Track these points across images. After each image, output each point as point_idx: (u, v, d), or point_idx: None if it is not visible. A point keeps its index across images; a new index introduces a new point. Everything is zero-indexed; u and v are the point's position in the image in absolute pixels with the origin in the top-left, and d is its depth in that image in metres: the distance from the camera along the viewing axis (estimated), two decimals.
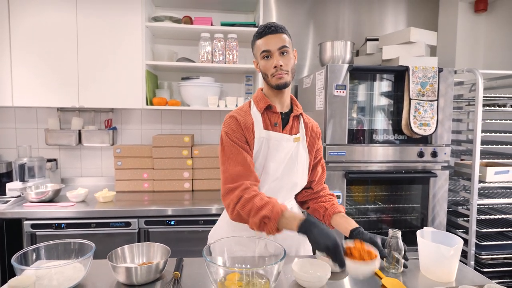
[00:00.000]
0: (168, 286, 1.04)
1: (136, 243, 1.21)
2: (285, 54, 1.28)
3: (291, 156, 1.35)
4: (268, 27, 1.28)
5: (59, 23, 2.22)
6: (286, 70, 1.28)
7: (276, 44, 1.26)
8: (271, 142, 1.32)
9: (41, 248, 1.11)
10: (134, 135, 2.74)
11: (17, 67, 2.21)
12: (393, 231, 1.21)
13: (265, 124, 1.34)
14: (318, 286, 1.08)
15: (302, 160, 1.38)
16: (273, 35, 1.27)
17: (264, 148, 1.31)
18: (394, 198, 2.37)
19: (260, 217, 1.13)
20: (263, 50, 1.28)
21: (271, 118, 1.35)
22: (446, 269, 1.16)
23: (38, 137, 2.62)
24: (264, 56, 1.28)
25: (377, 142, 2.19)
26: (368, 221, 2.34)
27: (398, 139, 2.21)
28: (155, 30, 2.48)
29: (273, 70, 1.27)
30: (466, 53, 2.73)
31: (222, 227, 1.45)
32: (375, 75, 2.23)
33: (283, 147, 1.33)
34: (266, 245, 1.27)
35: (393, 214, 2.36)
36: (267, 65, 1.28)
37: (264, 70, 1.30)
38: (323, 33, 2.86)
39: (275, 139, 1.32)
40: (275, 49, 1.26)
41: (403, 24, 2.94)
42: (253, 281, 1.05)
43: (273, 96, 1.35)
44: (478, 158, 2.13)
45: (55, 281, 1.02)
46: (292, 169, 1.36)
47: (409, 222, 2.36)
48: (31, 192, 2.07)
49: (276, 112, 1.35)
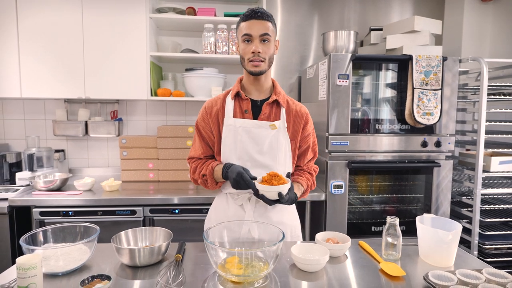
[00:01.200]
0: (170, 267, 1.07)
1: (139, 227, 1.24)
2: (266, 42, 1.29)
3: (270, 144, 1.35)
4: (255, 11, 1.29)
5: (65, 16, 2.25)
6: (263, 57, 1.29)
7: (258, 30, 1.27)
8: (240, 129, 1.34)
9: (48, 231, 1.15)
10: (140, 126, 2.77)
11: (25, 60, 2.25)
12: (391, 218, 1.22)
13: (235, 111, 1.36)
14: (316, 268, 1.10)
15: (282, 148, 1.37)
16: (257, 21, 1.28)
17: (233, 134, 1.34)
18: (397, 188, 2.37)
19: (201, 176, 1.39)
20: (244, 33, 1.29)
21: (242, 105, 1.37)
22: (444, 254, 1.17)
23: (46, 128, 2.68)
24: (245, 40, 1.29)
25: (380, 131, 2.18)
26: (372, 211, 2.35)
27: (401, 129, 2.20)
28: (159, 22, 2.50)
29: (250, 55, 1.29)
30: (473, 43, 2.69)
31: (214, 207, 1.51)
32: (378, 65, 2.22)
33: (254, 133, 1.34)
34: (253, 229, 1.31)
35: (397, 204, 2.37)
36: (246, 49, 1.29)
37: (243, 53, 1.31)
38: (328, 23, 2.85)
39: (243, 126, 1.34)
40: (257, 35, 1.27)
41: (409, 13, 2.91)
42: (252, 263, 1.07)
43: (250, 83, 1.37)
44: (482, 147, 2.11)
45: (61, 261, 1.06)
46: (272, 156, 1.36)
47: (413, 212, 2.36)
48: (40, 181, 2.13)
49: (246, 98, 1.36)
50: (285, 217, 1.44)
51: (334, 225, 2.18)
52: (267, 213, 1.39)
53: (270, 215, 1.39)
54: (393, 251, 1.23)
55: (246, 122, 1.34)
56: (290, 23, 2.81)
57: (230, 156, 1.36)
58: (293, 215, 1.50)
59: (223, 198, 1.44)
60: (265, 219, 1.37)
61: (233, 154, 1.35)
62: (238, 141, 1.34)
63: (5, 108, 2.63)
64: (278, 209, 1.41)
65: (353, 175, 2.28)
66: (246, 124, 1.34)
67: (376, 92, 2.27)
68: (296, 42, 2.83)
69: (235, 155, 1.35)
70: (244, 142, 1.34)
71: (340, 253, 1.23)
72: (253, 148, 1.34)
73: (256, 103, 1.39)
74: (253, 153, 1.34)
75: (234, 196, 1.40)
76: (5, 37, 2.22)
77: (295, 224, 1.50)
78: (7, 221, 1.97)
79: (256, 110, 1.38)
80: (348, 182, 2.16)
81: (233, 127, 1.34)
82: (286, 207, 1.45)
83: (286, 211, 1.45)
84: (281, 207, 1.42)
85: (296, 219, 1.52)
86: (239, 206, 1.39)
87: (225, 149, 1.37)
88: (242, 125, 1.34)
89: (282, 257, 1.21)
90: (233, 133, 1.34)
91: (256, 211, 1.38)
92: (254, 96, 1.39)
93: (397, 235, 1.22)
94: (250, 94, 1.40)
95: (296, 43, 2.83)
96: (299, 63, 2.85)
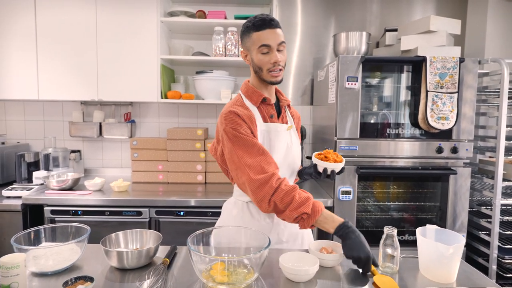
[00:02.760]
0: (155, 271, 1.06)
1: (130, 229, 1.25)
2: (282, 50, 1.27)
3: (287, 145, 1.37)
4: (268, 20, 1.24)
5: (80, 20, 2.33)
6: (282, 66, 1.28)
7: (276, 39, 1.24)
8: (271, 133, 1.32)
9: (41, 231, 1.18)
10: (152, 128, 2.82)
11: (42, 63, 2.35)
12: (389, 228, 1.16)
13: (263, 116, 1.34)
14: (304, 279, 1.06)
15: (296, 146, 1.41)
16: (273, 30, 1.24)
17: (266, 140, 1.32)
18: (411, 196, 2.26)
19: (300, 212, 1.14)
20: (263, 44, 1.24)
21: (267, 110, 1.35)
22: (445, 269, 1.10)
23: (63, 129, 2.78)
24: (263, 51, 1.25)
25: (392, 136, 2.10)
26: (382, 219, 2.25)
27: (415, 134, 2.10)
28: (171, 25, 2.53)
29: (270, 66, 1.25)
30: (497, 43, 2.53)
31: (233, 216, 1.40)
32: (391, 67, 2.14)
33: (281, 137, 1.34)
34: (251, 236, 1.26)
35: (410, 213, 2.26)
36: (264, 60, 1.25)
37: (260, 64, 1.27)
38: (346, 24, 2.77)
39: (275, 130, 1.33)
40: (275, 45, 1.24)
41: (431, 13, 2.78)
42: (237, 271, 1.05)
43: (262, 88, 1.35)
44: (503, 154, 1.98)
45: (51, 261, 1.08)
46: (290, 156, 1.38)
47: (427, 222, 2.24)
48: (53, 180, 2.20)
49: (271, 104, 1.36)
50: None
51: None
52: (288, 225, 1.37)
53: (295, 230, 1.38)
54: (391, 263, 1.16)
55: (276, 126, 1.34)
56: (305, 24, 2.76)
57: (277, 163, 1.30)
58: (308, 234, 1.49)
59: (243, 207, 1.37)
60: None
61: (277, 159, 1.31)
62: (271, 145, 1.32)
63: (27, 110, 2.75)
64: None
65: (363, 181, 2.20)
66: (276, 128, 1.34)
67: (388, 95, 2.18)
68: (311, 44, 2.78)
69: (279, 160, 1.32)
70: (275, 146, 1.33)
71: (333, 263, 1.18)
72: (280, 150, 1.34)
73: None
74: (282, 154, 1.35)
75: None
76: (24, 38, 2.33)
77: (308, 231, 1.47)
78: (21, 219, 2.05)
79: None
80: (357, 188, 2.09)
81: (266, 132, 1.32)
82: None
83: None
84: None
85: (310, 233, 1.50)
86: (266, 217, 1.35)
87: None
88: (275, 129, 1.33)
89: (275, 265, 1.17)
90: (266, 138, 1.32)
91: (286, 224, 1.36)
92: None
93: (395, 247, 1.16)
94: None
95: (311, 45, 2.78)
96: (314, 65, 2.79)
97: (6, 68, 2.34)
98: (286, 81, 2.78)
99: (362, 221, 2.21)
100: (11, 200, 2.09)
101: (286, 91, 2.79)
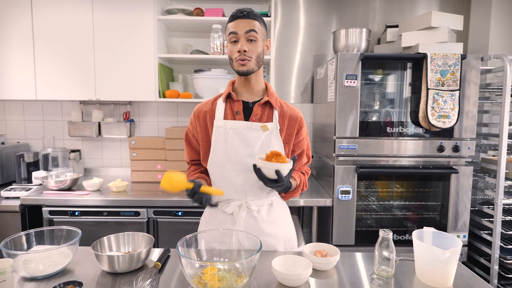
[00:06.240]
0: (145, 276, 1.05)
1: (121, 232, 1.24)
2: (253, 40, 1.25)
3: (261, 146, 1.29)
4: (240, 11, 1.26)
5: (77, 20, 2.32)
6: (250, 56, 1.24)
7: (243, 28, 1.24)
8: (230, 131, 1.29)
9: (31, 234, 1.17)
10: (151, 127, 2.81)
11: (39, 63, 2.34)
12: (384, 231, 1.14)
13: (226, 113, 1.33)
14: (296, 284, 1.04)
15: (273, 147, 1.31)
16: (243, 20, 1.24)
17: (223, 137, 1.30)
18: (411, 195, 2.23)
19: None
20: (230, 32, 1.26)
21: (233, 106, 1.33)
22: (441, 274, 1.07)
23: (63, 128, 2.78)
24: (231, 39, 1.26)
25: (393, 135, 2.06)
26: (382, 218, 2.22)
27: (415, 132, 2.07)
28: (169, 23, 2.51)
29: (236, 54, 1.25)
30: (502, 39, 2.48)
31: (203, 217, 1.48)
32: (391, 64, 2.10)
33: (245, 135, 1.29)
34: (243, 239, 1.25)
35: (410, 213, 2.22)
36: (233, 49, 1.26)
37: (230, 54, 1.29)
38: (348, 21, 2.73)
39: (234, 127, 1.30)
40: (242, 33, 1.24)
41: (435, 9, 2.72)
42: (227, 275, 1.03)
43: (241, 85, 1.34)
44: (505, 153, 1.93)
45: (41, 265, 1.07)
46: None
47: (429, 221, 2.21)
48: (51, 181, 2.20)
49: (237, 100, 1.32)
50: (279, 229, 1.38)
51: (342, 232, 2.08)
52: (259, 224, 1.33)
53: (263, 226, 1.33)
54: (386, 266, 1.14)
55: (237, 124, 1.30)
56: (306, 21, 2.72)
57: (221, 159, 1.32)
58: (288, 226, 1.43)
59: (212, 208, 1.40)
60: (256, 230, 1.32)
61: (224, 157, 1.31)
62: (229, 143, 1.29)
63: (26, 110, 2.75)
64: (271, 219, 1.36)
65: (362, 180, 2.17)
66: (236, 126, 1.29)
67: (388, 93, 2.14)
68: (312, 41, 2.74)
69: (226, 157, 1.31)
70: (234, 144, 1.29)
71: (327, 267, 1.15)
72: (243, 150, 1.29)
73: (248, 105, 1.34)
74: (244, 155, 1.29)
75: (224, 204, 1.36)
76: (21, 39, 2.32)
77: (290, 235, 1.43)
78: (19, 220, 2.06)
79: (247, 112, 1.34)
80: (356, 188, 2.06)
81: (223, 129, 1.30)
82: (280, 217, 1.39)
83: (280, 222, 1.39)
84: (274, 217, 1.36)
85: (292, 230, 1.45)
86: (229, 216, 1.35)
87: (216, 152, 1.33)
88: (233, 127, 1.30)
89: (268, 268, 1.15)
90: (223, 135, 1.30)
91: (248, 222, 1.33)
92: (246, 98, 1.35)
93: (391, 250, 1.13)
94: (242, 96, 1.36)
95: (312, 42, 2.74)
96: (315, 63, 2.76)
97: (4, 69, 2.34)
98: (288, 79, 2.75)
99: (362, 221, 2.18)
100: (10, 200, 2.09)
101: (288, 88, 2.76)
